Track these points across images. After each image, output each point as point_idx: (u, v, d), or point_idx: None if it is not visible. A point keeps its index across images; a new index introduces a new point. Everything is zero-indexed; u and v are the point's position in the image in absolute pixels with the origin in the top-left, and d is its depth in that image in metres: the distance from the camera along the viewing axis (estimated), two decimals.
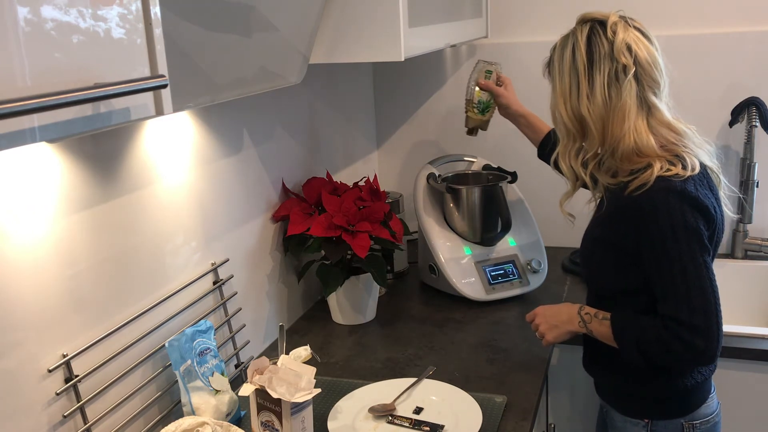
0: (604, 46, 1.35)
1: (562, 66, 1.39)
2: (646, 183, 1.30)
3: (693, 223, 1.29)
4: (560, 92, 1.40)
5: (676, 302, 1.30)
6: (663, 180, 1.30)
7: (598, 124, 1.37)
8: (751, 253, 2.20)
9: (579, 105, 1.37)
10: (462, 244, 2.04)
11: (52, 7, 0.69)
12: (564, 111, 1.39)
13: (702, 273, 1.30)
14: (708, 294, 1.29)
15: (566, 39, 1.41)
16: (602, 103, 1.35)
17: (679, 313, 1.29)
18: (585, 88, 1.36)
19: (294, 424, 1.24)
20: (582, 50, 1.36)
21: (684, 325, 1.29)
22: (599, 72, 1.35)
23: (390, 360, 1.68)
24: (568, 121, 1.39)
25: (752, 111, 2.06)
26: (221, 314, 1.58)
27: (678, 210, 1.29)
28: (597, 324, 1.43)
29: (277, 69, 1.40)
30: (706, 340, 1.29)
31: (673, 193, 1.29)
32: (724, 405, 1.80)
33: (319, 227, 1.71)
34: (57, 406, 1.14)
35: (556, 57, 1.42)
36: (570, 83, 1.38)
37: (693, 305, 1.29)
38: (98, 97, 0.72)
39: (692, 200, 1.30)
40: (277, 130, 1.82)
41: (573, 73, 1.37)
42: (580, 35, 1.38)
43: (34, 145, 1.02)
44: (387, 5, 1.48)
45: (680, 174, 1.31)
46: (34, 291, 1.10)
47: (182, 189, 1.45)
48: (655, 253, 1.31)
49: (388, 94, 2.48)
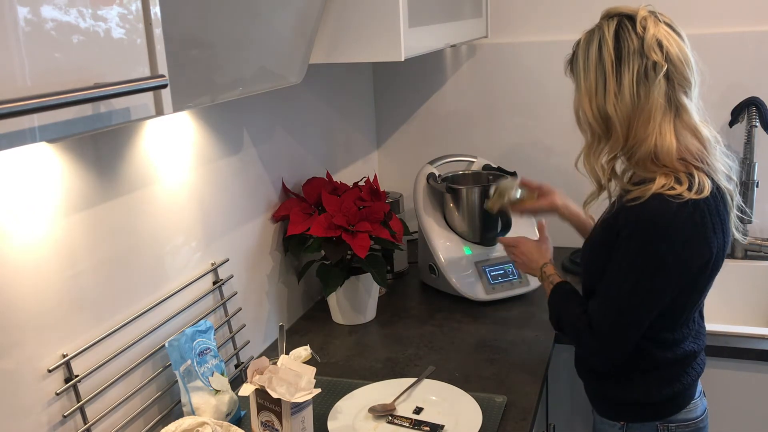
0: (633, 42, 1.28)
1: (587, 63, 1.32)
2: (640, 197, 1.27)
3: (667, 254, 1.26)
4: (585, 90, 1.33)
5: (597, 305, 1.36)
6: (658, 198, 1.26)
7: (624, 124, 1.30)
8: (751, 253, 2.20)
9: (605, 104, 1.30)
10: (462, 244, 2.04)
11: (52, 7, 0.69)
12: (589, 110, 1.33)
13: (634, 299, 1.30)
14: (624, 319, 1.33)
15: (591, 34, 1.33)
16: (630, 103, 1.29)
17: (593, 315, 1.36)
18: (612, 86, 1.29)
19: (294, 424, 1.24)
20: (609, 46, 1.29)
21: (590, 328, 1.37)
22: (628, 69, 1.28)
23: (390, 360, 1.68)
24: (593, 120, 1.33)
25: (752, 111, 2.06)
26: (221, 314, 1.58)
27: (660, 235, 1.26)
28: (546, 285, 1.55)
29: (277, 69, 1.40)
30: (599, 347, 1.38)
31: (663, 218, 1.25)
32: (724, 405, 1.80)
33: (319, 227, 1.71)
34: (57, 406, 1.14)
35: (580, 53, 1.34)
36: (596, 81, 1.31)
37: (606, 317, 1.34)
38: (98, 97, 0.72)
39: (679, 231, 1.26)
40: (277, 130, 1.82)
41: (599, 70, 1.30)
42: (606, 30, 1.30)
43: (34, 145, 1.02)
44: (387, 5, 1.48)
45: (682, 195, 1.25)
46: (34, 291, 1.10)
47: (182, 189, 1.45)
48: (617, 257, 1.32)
49: (388, 94, 2.48)
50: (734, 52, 2.13)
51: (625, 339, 1.35)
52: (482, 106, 2.41)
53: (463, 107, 2.43)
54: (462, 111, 2.43)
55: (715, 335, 1.78)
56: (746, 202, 2.14)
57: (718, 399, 1.78)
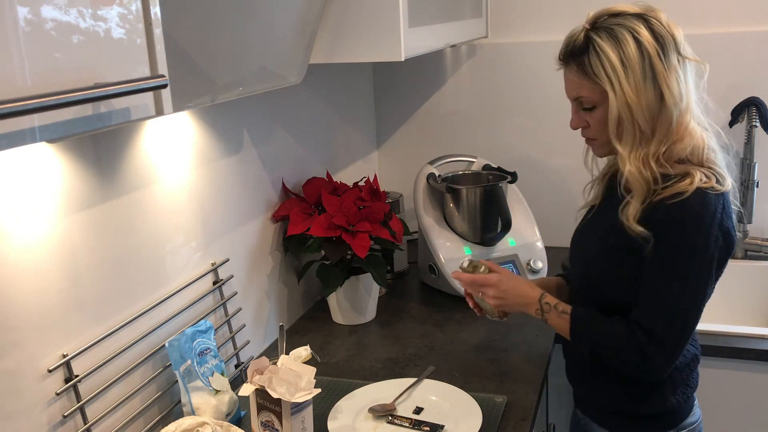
0: (666, 39, 1.27)
1: (627, 61, 1.25)
2: (684, 192, 1.24)
3: (713, 248, 1.25)
4: (632, 89, 1.25)
5: (656, 315, 1.27)
6: (701, 193, 1.25)
7: (671, 121, 1.27)
8: (751, 253, 2.20)
9: (656, 101, 1.26)
10: (462, 244, 2.04)
11: (52, 7, 0.69)
12: (639, 108, 1.26)
13: (697, 299, 1.28)
14: (690, 320, 1.28)
15: (617, 35, 1.26)
16: (679, 99, 1.27)
17: (654, 327, 1.27)
18: (663, 83, 1.25)
19: (294, 424, 1.24)
20: (650, 43, 1.25)
21: (654, 340, 1.27)
22: (671, 66, 1.26)
23: (390, 360, 1.68)
24: (643, 119, 1.27)
25: (752, 111, 2.06)
26: (221, 314, 1.58)
27: (706, 230, 1.24)
28: (555, 315, 1.39)
29: (277, 69, 1.40)
30: (665, 361, 1.29)
31: (707, 212, 1.24)
32: (724, 405, 1.80)
33: (319, 227, 1.71)
34: (57, 406, 1.14)
35: (612, 55, 1.26)
36: (643, 78, 1.25)
37: (672, 324, 1.27)
38: (98, 97, 0.72)
39: (721, 223, 1.26)
40: (277, 130, 1.82)
41: (644, 67, 1.25)
42: (639, 28, 1.26)
43: (34, 145, 1.02)
44: (387, 5, 1.48)
45: (716, 188, 1.26)
46: (34, 291, 1.10)
47: (182, 189, 1.45)
48: (665, 261, 1.26)
49: (388, 94, 2.48)
50: (734, 52, 2.13)
51: (687, 343, 1.30)
52: (482, 106, 2.41)
53: (463, 107, 2.43)
54: (462, 111, 2.44)
55: (715, 335, 1.78)
56: (746, 202, 2.14)
57: (718, 399, 1.78)
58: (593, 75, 1.28)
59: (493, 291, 1.45)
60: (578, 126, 1.38)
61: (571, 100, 1.37)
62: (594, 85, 1.29)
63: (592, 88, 1.30)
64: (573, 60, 1.32)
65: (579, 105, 1.35)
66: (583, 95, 1.32)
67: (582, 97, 1.33)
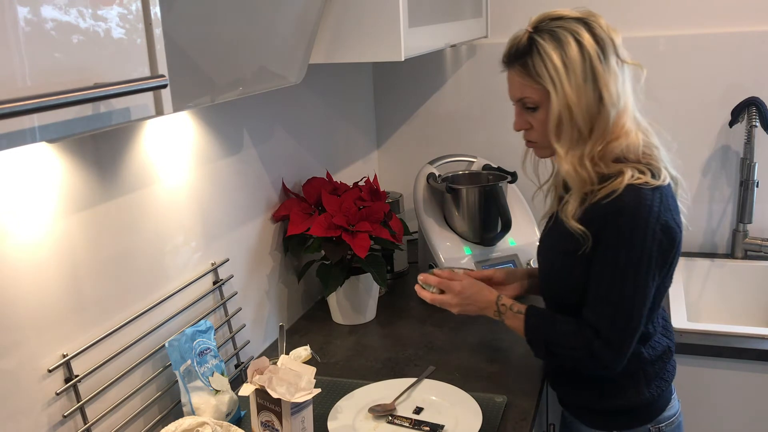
0: (606, 42, 1.30)
1: (570, 63, 1.29)
2: (616, 190, 1.28)
3: (650, 242, 1.27)
4: (573, 92, 1.29)
5: (600, 312, 1.32)
6: (633, 189, 1.28)
7: (609, 121, 1.31)
8: (751, 253, 2.20)
9: (595, 102, 1.30)
10: (462, 244, 2.04)
11: (52, 7, 0.69)
12: (578, 109, 1.30)
13: (639, 293, 1.30)
14: (634, 315, 1.31)
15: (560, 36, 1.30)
16: (616, 100, 1.30)
17: (599, 323, 1.32)
18: (602, 84, 1.29)
19: (294, 424, 1.24)
20: (592, 46, 1.29)
21: (599, 337, 1.32)
22: (609, 67, 1.30)
23: (390, 360, 1.68)
24: (582, 120, 1.30)
25: (752, 111, 2.06)
26: (221, 314, 1.58)
27: (642, 225, 1.27)
28: (511, 316, 1.44)
29: (277, 69, 1.40)
30: (614, 356, 1.32)
31: (642, 207, 1.27)
32: (724, 405, 1.80)
33: (319, 227, 1.71)
34: (57, 406, 1.14)
35: (554, 56, 1.30)
36: (584, 79, 1.29)
37: (615, 320, 1.31)
38: (98, 97, 0.72)
39: (659, 217, 1.28)
40: (277, 130, 1.82)
41: (585, 68, 1.29)
42: (580, 30, 1.30)
43: (34, 145, 1.03)
44: (387, 5, 1.48)
45: (650, 183, 1.28)
46: (34, 291, 1.10)
47: (182, 189, 1.45)
48: (605, 259, 1.30)
49: (388, 94, 2.48)
50: (734, 52, 2.13)
51: (635, 338, 1.33)
52: (482, 106, 2.41)
53: (463, 107, 2.43)
54: (462, 111, 2.44)
55: (715, 335, 1.78)
56: (746, 202, 2.14)
57: (718, 399, 1.78)
58: (536, 75, 1.32)
59: (455, 301, 1.50)
60: (521, 128, 1.41)
61: (515, 101, 1.40)
62: (537, 86, 1.33)
63: (535, 89, 1.33)
64: (517, 61, 1.36)
65: (522, 106, 1.38)
66: (527, 96, 1.35)
67: (525, 97, 1.36)
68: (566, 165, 1.33)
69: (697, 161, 2.23)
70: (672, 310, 1.89)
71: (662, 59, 2.19)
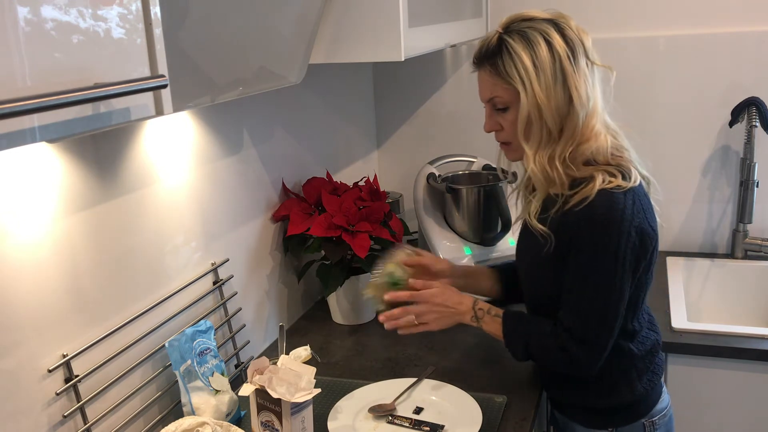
0: (576, 44, 1.31)
1: (539, 62, 1.29)
2: (588, 197, 1.28)
3: (624, 246, 1.28)
4: (543, 89, 1.29)
5: (575, 314, 1.33)
6: (605, 194, 1.28)
7: (578, 123, 1.31)
8: (751, 253, 2.20)
9: (565, 102, 1.30)
10: (462, 244, 2.04)
11: (52, 7, 0.69)
12: (548, 108, 1.30)
13: (612, 295, 1.30)
14: (608, 317, 1.31)
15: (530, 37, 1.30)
16: (586, 101, 1.31)
17: (574, 326, 1.33)
18: (572, 84, 1.30)
19: (294, 424, 1.24)
20: (561, 46, 1.29)
21: (574, 338, 1.33)
22: (579, 69, 1.30)
23: (390, 360, 1.68)
24: (551, 119, 1.31)
25: (752, 111, 2.06)
26: (221, 314, 1.58)
27: (615, 229, 1.27)
28: (489, 320, 1.45)
29: (277, 69, 1.40)
30: (588, 357, 1.34)
31: (616, 211, 1.27)
32: (724, 405, 1.80)
33: (319, 227, 1.71)
34: (57, 406, 1.14)
35: (524, 56, 1.29)
36: (554, 79, 1.29)
37: (588, 322, 1.32)
38: (98, 97, 0.72)
39: (632, 220, 1.28)
40: (277, 130, 1.82)
41: (555, 69, 1.29)
42: (550, 31, 1.30)
43: (34, 145, 1.02)
44: (387, 5, 1.48)
45: (621, 186, 1.29)
46: (34, 291, 1.10)
47: (182, 189, 1.45)
48: (578, 261, 1.31)
49: (388, 94, 2.48)
50: (734, 52, 2.13)
51: (610, 339, 1.34)
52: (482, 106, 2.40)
53: (463, 107, 2.43)
54: (462, 111, 2.43)
55: (715, 335, 1.78)
56: (746, 202, 2.14)
57: (718, 399, 1.78)
58: (506, 75, 1.32)
59: (428, 309, 1.46)
60: (492, 129, 1.42)
61: (485, 102, 1.40)
62: (507, 86, 1.33)
63: (506, 89, 1.34)
64: (487, 61, 1.35)
65: (493, 107, 1.39)
66: (497, 96, 1.35)
67: (495, 97, 1.36)
68: (534, 165, 1.34)
69: (697, 161, 2.23)
70: (672, 310, 1.89)
71: (662, 59, 2.19)
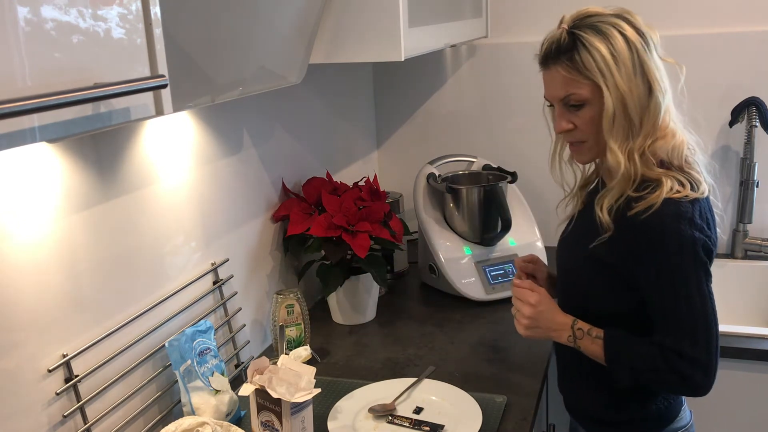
0: (648, 36, 1.27)
1: (618, 55, 1.24)
2: (653, 205, 1.23)
3: (700, 254, 1.24)
4: (625, 83, 1.24)
5: (679, 334, 1.25)
6: (672, 203, 1.23)
7: (658, 115, 1.27)
8: (751, 253, 2.20)
9: (645, 95, 1.26)
10: (462, 244, 2.04)
11: (52, 7, 0.69)
12: (631, 102, 1.25)
13: (707, 304, 1.25)
14: (712, 327, 1.25)
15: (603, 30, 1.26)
16: (665, 95, 1.27)
17: (682, 346, 1.24)
18: (652, 76, 1.26)
19: (294, 424, 1.24)
20: (636, 38, 1.25)
21: (686, 359, 1.24)
22: (655, 64, 1.27)
23: (390, 360, 1.68)
24: (635, 114, 1.26)
25: (752, 111, 2.06)
26: (221, 314, 1.58)
27: (688, 238, 1.22)
28: (588, 341, 1.34)
29: (277, 69, 1.40)
30: (705, 375, 1.25)
31: (684, 220, 1.23)
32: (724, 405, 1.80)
33: (319, 227, 1.71)
34: (57, 406, 1.14)
35: (602, 49, 1.25)
36: (633, 72, 1.25)
37: (697, 338, 1.24)
38: (98, 97, 0.72)
39: (702, 229, 1.24)
40: (277, 130, 1.82)
41: (634, 62, 1.25)
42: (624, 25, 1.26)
43: (34, 145, 1.02)
44: (387, 5, 1.48)
45: (689, 196, 1.24)
46: (34, 291, 1.10)
47: (182, 189, 1.45)
48: (660, 281, 1.25)
49: (388, 94, 2.48)
50: (734, 52, 2.13)
51: (718, 353, 1.27)
52: (482, 106, 2.41)
53: (463, 107, 2.43)
54: (462, 111, 2.44)
55: None
56: (746, 202, 2.14)
57: (718, 399, 1.78)
58: (585, 70, 1.26)
59: (530, 310, 1.40)
60: (565, 129, 1.33)
61: (557, 101, 1.33)
62: (585, 81, 1.27)
63: (583, 84, 1.27)
64: (562, 57, 1.28)
65: (565, 105, 1.31)
66: (573, 92, 1.29)
67: (571, 94, 1.29)
68: (619, 157, 1.27)
69: None
70: None
71: None
